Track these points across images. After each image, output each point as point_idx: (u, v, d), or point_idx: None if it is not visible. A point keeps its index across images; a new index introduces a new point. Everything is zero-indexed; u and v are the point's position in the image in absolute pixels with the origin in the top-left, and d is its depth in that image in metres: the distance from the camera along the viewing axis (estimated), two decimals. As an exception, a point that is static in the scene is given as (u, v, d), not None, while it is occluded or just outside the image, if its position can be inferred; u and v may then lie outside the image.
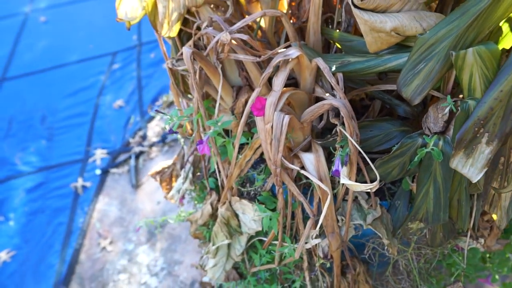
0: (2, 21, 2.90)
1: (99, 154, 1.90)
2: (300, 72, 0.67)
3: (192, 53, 0.63)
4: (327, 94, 0.66)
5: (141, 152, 1.90)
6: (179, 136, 1.01)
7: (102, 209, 1.69)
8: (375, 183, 0.53)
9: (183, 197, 0.87)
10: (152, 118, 2.07)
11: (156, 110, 0.70)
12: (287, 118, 0.55)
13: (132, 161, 1.83)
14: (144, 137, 1.96)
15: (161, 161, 1.85)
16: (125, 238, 1.57)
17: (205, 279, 1.05)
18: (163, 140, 1.91)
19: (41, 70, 2.44)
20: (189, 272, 1.43)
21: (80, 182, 1.78)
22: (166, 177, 0.91)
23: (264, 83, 0.64)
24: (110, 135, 2.01)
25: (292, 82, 0.76)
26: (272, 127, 0.56)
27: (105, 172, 1.83)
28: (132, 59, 2.40)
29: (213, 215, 0.92)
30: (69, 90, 2.27)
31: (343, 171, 0.54)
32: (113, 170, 1.83)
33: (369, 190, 0.59)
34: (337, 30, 0.72)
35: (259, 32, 0.81)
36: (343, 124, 0.57)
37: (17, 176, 1.85)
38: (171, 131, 0.68)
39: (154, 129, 2.01)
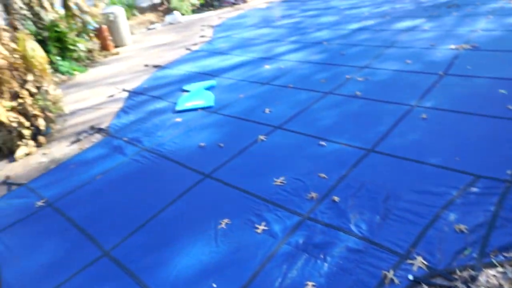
0: (390, 106, 3.49)
1: (419, 262, 1.88)
2: None
3: None
4: None
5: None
6: None
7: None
8: None
9: None
10: None
11: None
12: None
13: (452, 295, 1.68)
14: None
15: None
16: None
17: None
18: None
19: (400, 156, 2.71)
20: None
21: (390, 273, 1.83)
22: None
23: None
24: (438, 252, 1.94)
25: None
26: None
27: (417, 282, 1.78)
28: (496, 192, 2.23)
29: None
30: (416, 188, 2.39)
31: None
32: (425, 287, 1.76)
33: None
34: None
35: None
36: None
37: (345, 231, 2.14)
38: None
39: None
